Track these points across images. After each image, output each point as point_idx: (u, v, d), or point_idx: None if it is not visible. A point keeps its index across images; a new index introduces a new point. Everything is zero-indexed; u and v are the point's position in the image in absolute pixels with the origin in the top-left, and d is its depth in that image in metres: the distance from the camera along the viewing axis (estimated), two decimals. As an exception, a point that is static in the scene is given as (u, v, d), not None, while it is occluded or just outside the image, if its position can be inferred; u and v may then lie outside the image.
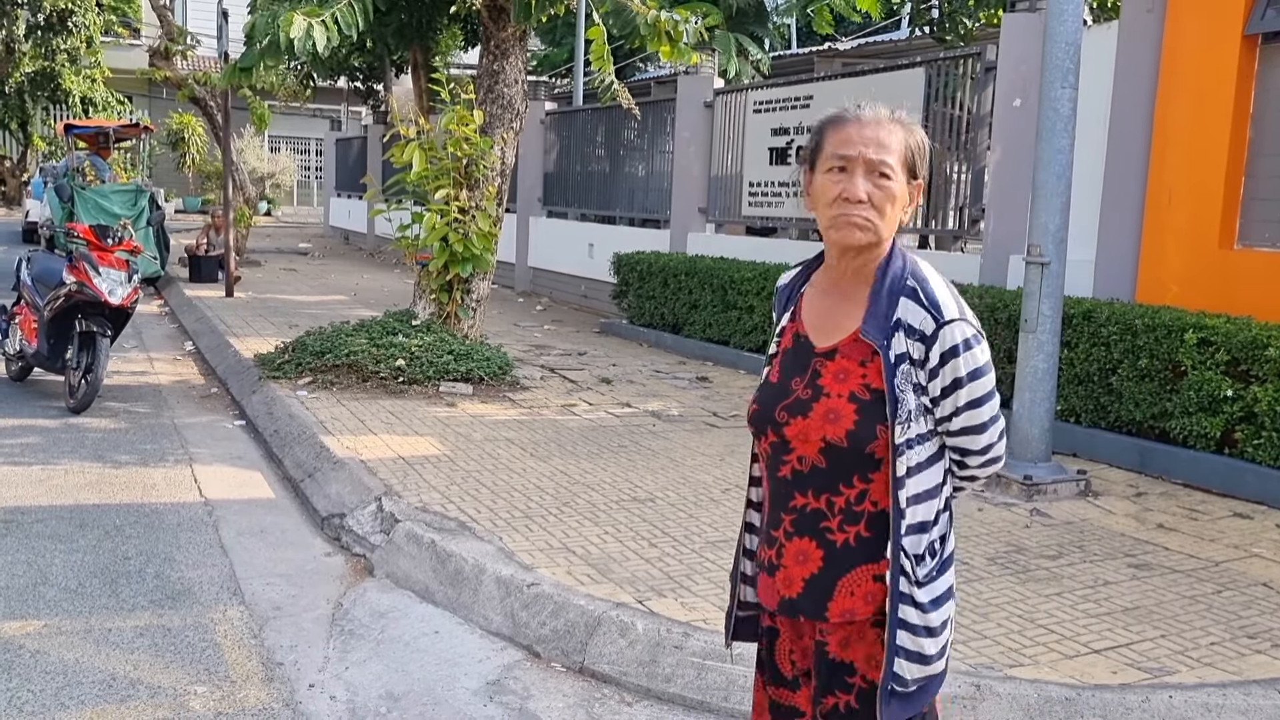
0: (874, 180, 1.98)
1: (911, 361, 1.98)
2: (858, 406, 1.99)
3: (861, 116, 2.02)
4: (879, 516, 2.02)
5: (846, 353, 2.03)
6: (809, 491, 2.05)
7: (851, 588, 2.04)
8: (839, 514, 2.04)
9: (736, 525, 5.03)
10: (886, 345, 1.98)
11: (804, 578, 2.07)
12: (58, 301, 7.42)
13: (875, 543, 2.03)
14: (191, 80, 17.87)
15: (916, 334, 1.97)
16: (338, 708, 3.56)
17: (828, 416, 2.00)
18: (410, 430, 6.69)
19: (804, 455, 2.04)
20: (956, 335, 1.97)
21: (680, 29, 8.13)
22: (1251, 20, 6.52)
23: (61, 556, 4.78)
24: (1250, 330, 5.83)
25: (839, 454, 2.00)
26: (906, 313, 1.98)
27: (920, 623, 1.99)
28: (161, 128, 29.68)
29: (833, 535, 2.05)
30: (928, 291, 1.99)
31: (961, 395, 1.99)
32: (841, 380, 2.02)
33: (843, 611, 2.04)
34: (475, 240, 8.18)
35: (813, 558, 2.06)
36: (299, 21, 6.99)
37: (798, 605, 2.09)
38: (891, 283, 2.01)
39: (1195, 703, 3.47)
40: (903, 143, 2.02)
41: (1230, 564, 4.81)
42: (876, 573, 2.03)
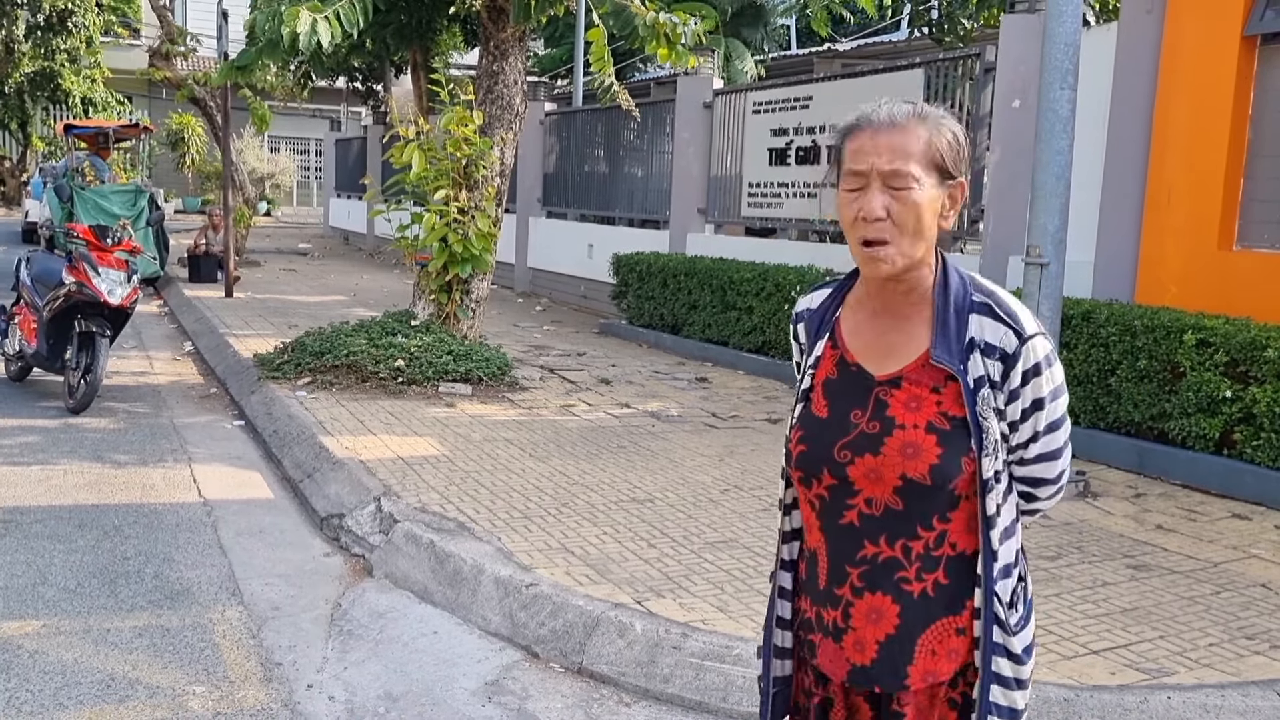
0: (892, 193, 1.74)
1: (991, 385, 1.78)
2: (938, 438, 1.76)
3: (875, 121, 1.78)
4: (957, 561, 1.81)
5: (914, 379, 1.81)
6: (881, 539, 1.81)
7: (933, 645, 1.81)
8: (916, 561, 1.80)
9: (736, 526, 5.05)
10: (964, 369, 1.77)
11: (878, 640, 1.82)
12: (57, 302, 7.42)
13: (954, 591, 1.81)
14: (191, 81, 17.87)
15: (996, 352, 1.77)
16: (336, 708, 3.56)
17: (905, 451, 1.77)
18: (409, 431, 6.69)
19: (874, 497, 1.80)
20: (1040, 351, 1.78)
21: (679, 31, 8.14)
22: (1250, 21, 6.52)
23: (60, 556, 4.78)
24: (1249, 331, 5.84)
25: (920, 493, 1.77)
26: (983, 330, 1.78)
27: (1013, 675, 1.80)
28: (161, 128, 29.67)
29: (909, 586, 1.81)
30: (1004, 305, 1.80)
31: (1042, 418, 1.80)
32: (914, 410, 1.79)
33: (925, 674, 1.82)
34: (474, 241, 8.18)
35: (888, 615, 1.81)
36: (305, 16, 6.98)
37: (872, 674, 1.84)
38: (956, 299, 1.81)
39: (1194, 704, 3.47)
40: (926, 142, 1.76)
41: (1229, 565, 4.81)
42: (959, 625, 1.82)
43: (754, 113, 11.35)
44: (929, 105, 1.84)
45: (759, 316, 9.42)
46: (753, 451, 6.61)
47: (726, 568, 4.54)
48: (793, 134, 10.72)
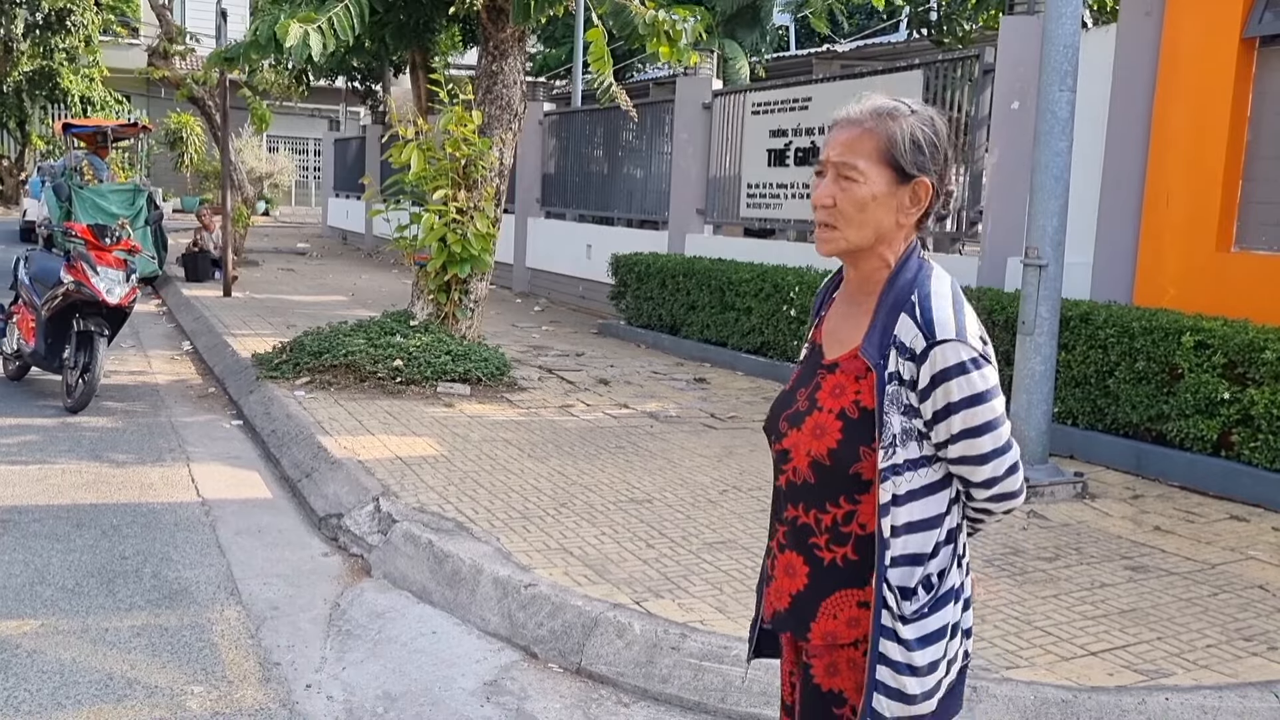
0: (840, 183, 1.89)
1: (901, 382, 1.85)
2: (844, 425, 1.90)
3: (842, 116, 1.94)
4: (867, 540, 1.91)
5: (845, 368, 1.94)
6: (800, 505, 1.98)
7: (835, 610, 1.95)
8: (825, 532, 1.95)
9: (734, 527, 5.06)
10: (882, 364, 1.87)
11: (791, 593, 2.00)
12: (55, 301, 7.41)
13: (862, 567, 1.92)
14: (190, 80, 17.84)
15: (907, 352, 1.85)
16: (334, 708, 3.56)
17: (815, 431, 1.93)
18: (408, 430, 6.69)
19: (798, 467, 1.96)
20: (950, 357, 1.82)
21: (679, 29, 8.14)
22: (1249, 23, 6.53)
23: (59, 556, 4.77)
24: (1247, 333, 5.84)
25: (825, 471, 1.92)
26: (902, 329, 1.86)
27: (903, 659, 1.87)
28: (160, 127, 29.64)
29: (820, 553, 1.96)
30: (925, 308, 1.85)
31: (955, 422, 1.84)
32: (836, 396, 1.93)
33: (824, 634, 1.95)
34: (473, 241, 8.18)
35: (799, 574, 1.98)
36: (295, 29, 7.00)
37: (785, 621, 2.02)
38: (895, 296, 1.89)
39: (1191, 705, 3.47)
40: (883, 139, 1.87)
41: (1227, 566, 4.82)
42: (861, 599, 1.93)
43: (753, 114, 11.36)
44: (915, 107, 1.94)
45: (757, 317, 9.42)
46: (751, 452, 6.62)
47: (725, 568, 4.54)
48: (791, 135, 10.73)
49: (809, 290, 8.75)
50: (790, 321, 9.00)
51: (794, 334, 8.97)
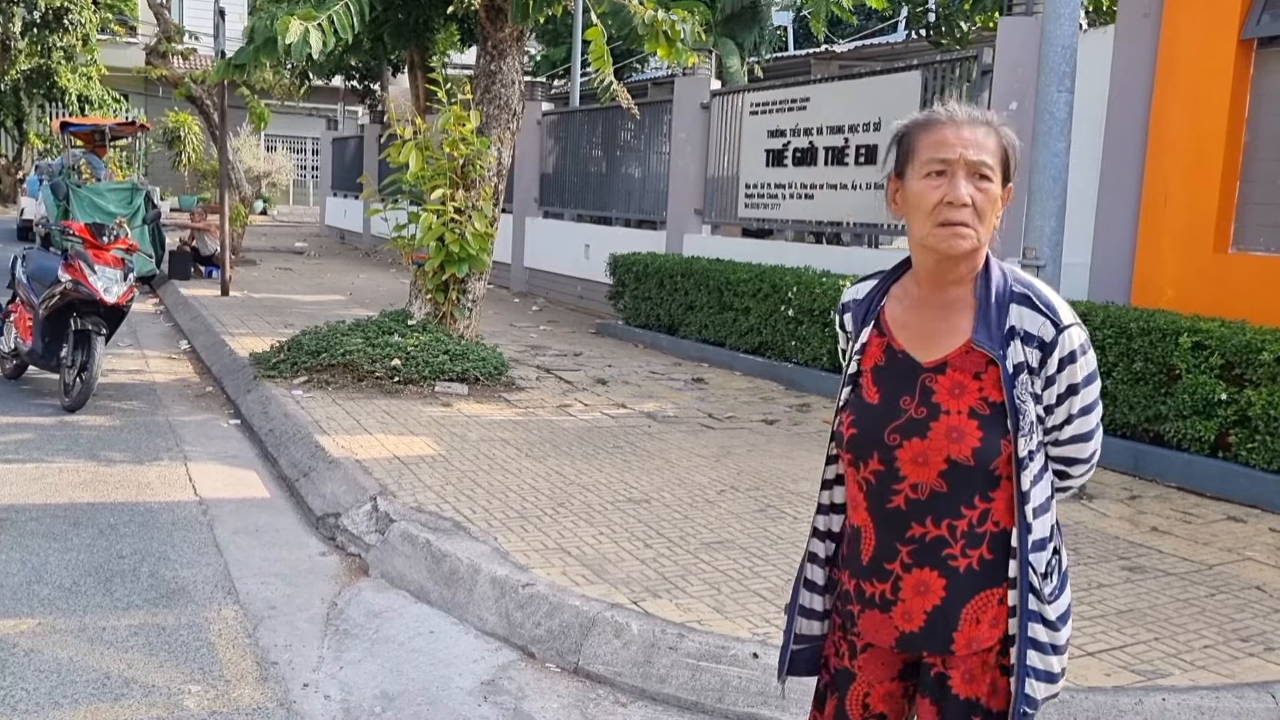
0: (975, 183, 1.90)
1: (1029, 370, 1.90)
2: (979, 422, 1.90)
3: (955, 117, 1.93)
4: (1000, 537, 1.94)
5: (958, 365, 1.93)
6: (928, 520, 1.94)
7: (976, 615, 1.95)
8: (961, 538, 1.94)
9: (732, 527, 5.05)
10: (1003, 355, 1.90)
11: (925, 610, 1.96)
12: (53, 299, 7.41)
13: (998, 565, 1.95)
14: (188, 79, 17.83)
15: (1035, 341, 1.90)
16: (332, 707, 3.56)
17: (950, 435, 1.90)
18: (405, 430, 6.68)
19: (920, 482, 1.93)
20: (1075, 340, 1.90)
21: (678, 29, 8.14)
22: (1247, 25, 6.54)
23: (56, 555, 4.77)
24: (1244, 334, 5.85)
25: (964, 474, 1.90)
26: (1022, 320, 1.91)
27: (1049, 640, 1.94)
28: (158, 126, 29.62)
29: (955, 562, 1.94)
30: (1041, 296, 1.93)
31: (1075, 402, 1.93)
32: (957, 395, 1.92)
33: (969, 641, 1.95)
34: (471, 240, 8.18)
35: (934, 588, 1.95)
36: (295, 26, 6.99)
37: (919, 640, 1.98)
38: (998, 290, 1.93)
39: (1188, 705, 3.47)
40: (998, 144, 1.93)
41: (1224, 567, 4.82)
42: (1000, 595, 1.95)
43: (751, 114, 11.36)
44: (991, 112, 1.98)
45: (755, 317, 9.43)
46: (749, 452, 6.62)
47: (723, 568, 4.54)
48: (790, 135, 10.73)
49: (806, 290, 8.75)
50: (788, 321, 9.00)
51: (792, 334, 8.97)
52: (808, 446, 6.85)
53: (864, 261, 9.39)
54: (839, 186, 10.11)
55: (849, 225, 10.39)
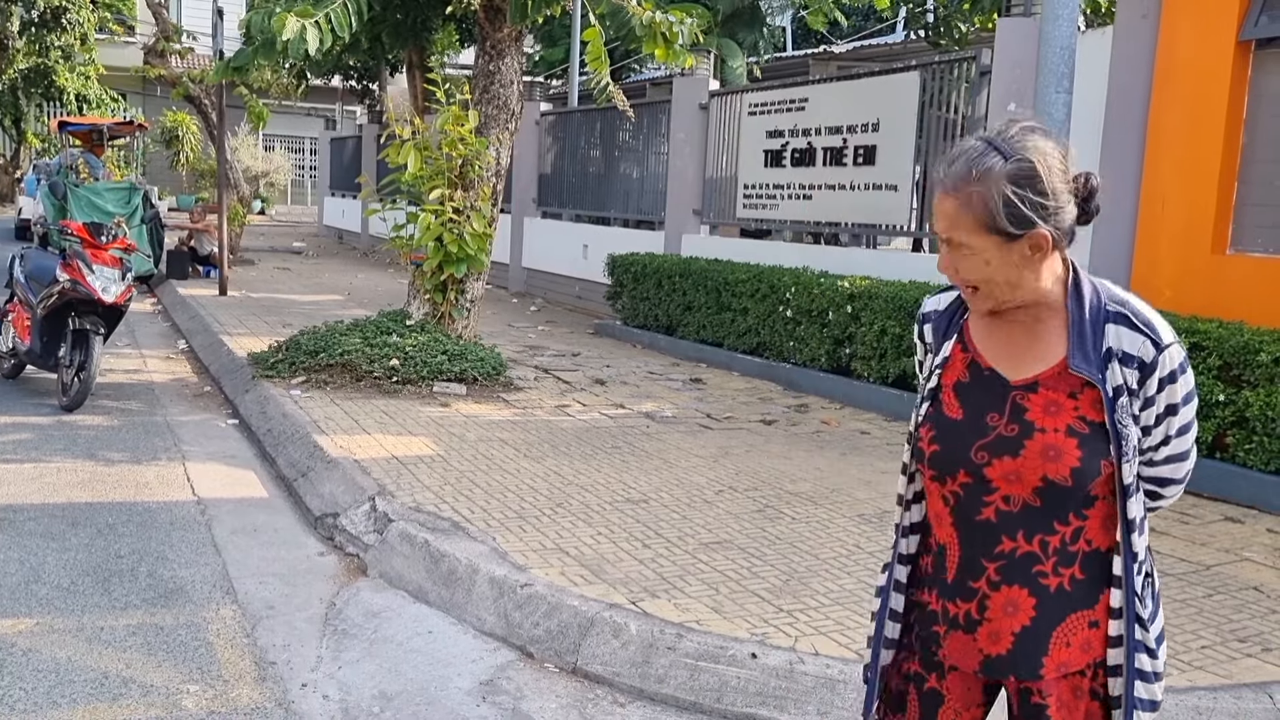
0: (957, 253, 1.84)
1: (1129, 392, 1.82)
2: (1079, 441, 1.81)
3: (938, 183, 1.85)
4: (1093, 556, 1.87)
5: (1051, 385, 1.85)
6: (1019, 534, 1.86)
7: (1067, 637, 1.87)
8: (1053, 555, 1.86)
9: (730, 527, 5.06)
10: (1102, 378, 1.82)
11: (1014, 631, 1.88)
12: (51, 299, 7.40)
13: (1090, 586, 1.87)
14: (186, 78, 17.84)
15: (1134, 361, 1.82)
16: (330, 707, 3.56)
17: (1046, 454, 1.82)
18: (404, 430, 6.68)
19: (1012, 495, 1.85)
20: (1175, 359, 1.82)
21: (675, 30, 8.14)
22: (1245, 26, 6.55)
23: (54, 555, 4.77)
24: (1242, 335, 5.86)
25: (1059, 493, 1.83)
26: (1120, 340, 1.82)
27: (1152, 669, 1.87)
28: (156, 125, 29.60)
29: (1046, 580, 1.86)
30: (1140, 314, 1.84)
31: (1174, 422, 1.85)
32: (1053, 414, 1.84)
33: (1059, 665, 1.87)
34: (469, 240, 8.18)
35: (1024, 607, 1.87)
36: (292, 23, 6.98)
37: (1006, 664, 1.89)
38: (1092, 310, 1.85)
39: (1186, 706, 3.48)
40: (978, 208, 1.78)
41: (1221, 568, 4.83)
42: (1092, 619, 1.88)
43: (749, 114, 11.37)
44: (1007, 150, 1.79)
45: (754, 318, 9.43)
46: (747, 453, 6.62)
47: (721, 569, 4.54)
48: (788, 136, 10.73)
49: (805, 291, 8.75)
50: (786, 322, 9.00)
51: (790, 334, 8.98)
52: (806, 447, 6.86)
53: (862, 262, 9.40)
54: (837, 187, 10.11)
55: (847, 226, 10.40)
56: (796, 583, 4.42)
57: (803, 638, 3.86)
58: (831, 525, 5.21)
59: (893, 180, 9.46)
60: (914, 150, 9.25)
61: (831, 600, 4.24)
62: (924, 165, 9.28)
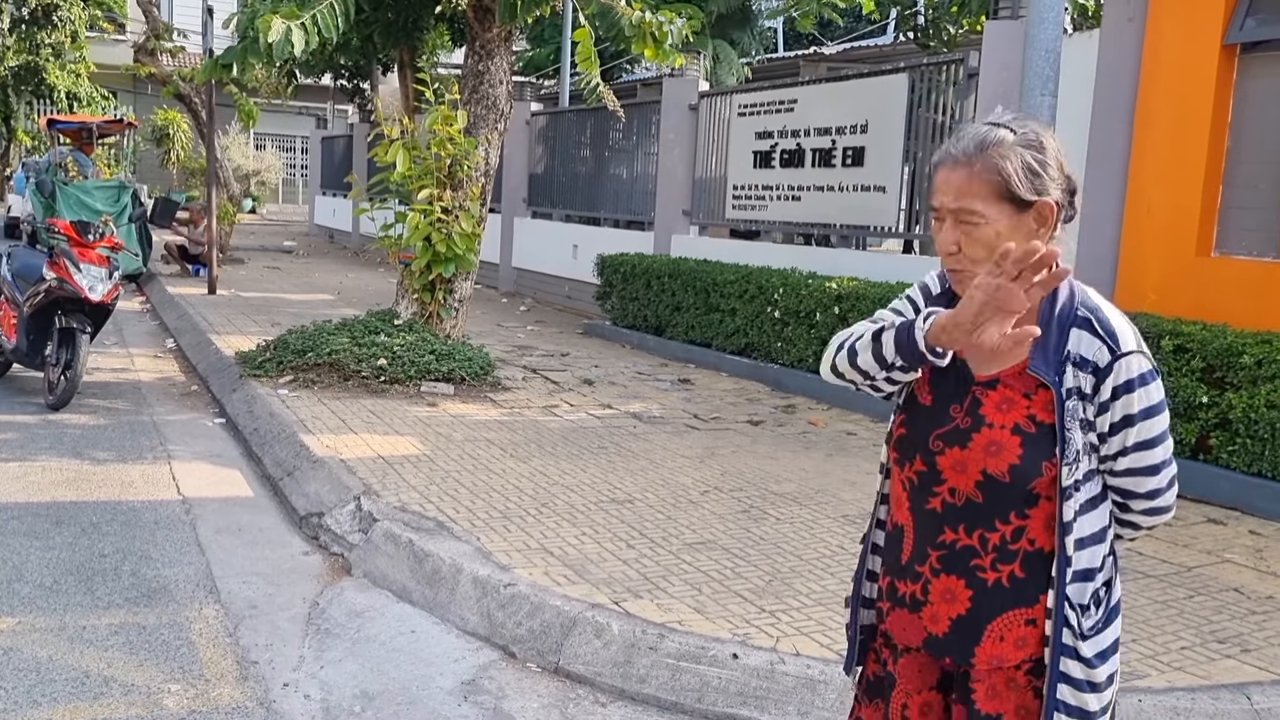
0: (962, 228, 1.83)
1: (1080, 396, 1.84)
2: (1022, 440, 1.85)
3: (948, 156, 1.85)
4: (1035, 556, 1.89)
5: (1010, 383, 1.88)
6: (960, 527, 1.91)
7: (1001, 632, 1.91)
8: (992, 552, 1.90)
9: (715, 528, 5.07)
10: (1058, 380, 1.84)
11: (950, 617, 1.93)
12: (38, 297, 7.38)
13: (1029, 584, 1.89)
14: (176, 77, 17.78)
15: (1089, 366, 1.83)
16: (312, 706, 3.56)
17: (989, 449, 1.86)
18: (391, 430, 6.68)
19: (957, 488, 1.90)
20: (1133, 369, 1.82)
21: (665, 31, 8.15)
22: (1230, 30, 6.58)
23: (37, 553, 4.76)
24: (1225, 337, 5.89)
25: (998, 489, 1.86)
26: (1080, 344, 1.84)
27: (1084, 677, 1.86)
28: (146, 124, 29.53)
29: (984, 574, 1.90)
30: (1102, 321, 1.85)
31: (1131, 434, 1.84)
32: (1004, 411, 1.87)
33: (990, 658, 1.91)
34: (458, 240, 8.18)
35: (960, 597, 1.92)
36: (277, 25, 6.97)
37: (944, 645, 1.95)
38: (1060, 313, 1.87)
39: (1164, 706, 3.50)
40: (992, 175, 1.81)
41: (1202, 569, 4.85)
42: (1029, 617, 1.90)
43: (739, 115, 11.38)
44: (1015, 126, 1.85)
45: (742, 319, 9.44)
46: (733, 453, 6.63)
47: (704, 569, 4.55)
48: (777, 137, 10.75)
49: (793, 292, 8.77)
50: (774, 323, 9.01)
51: (778, 335, 8.99)
52: (792, 448, 6.87)
53: (851, 264, 9.42)
54: (826, 188, 10.13)
55: (836, 227, 10.42)
56: (779, 583, 4.43)
57: (784, 638, 3.87)
58: (815, 526, 5.23)
59: (881, 182, 9.48)
60: (902, 152, 9.27)
61: (814, 601, 4.26)
62: (913, 167, 9.30)
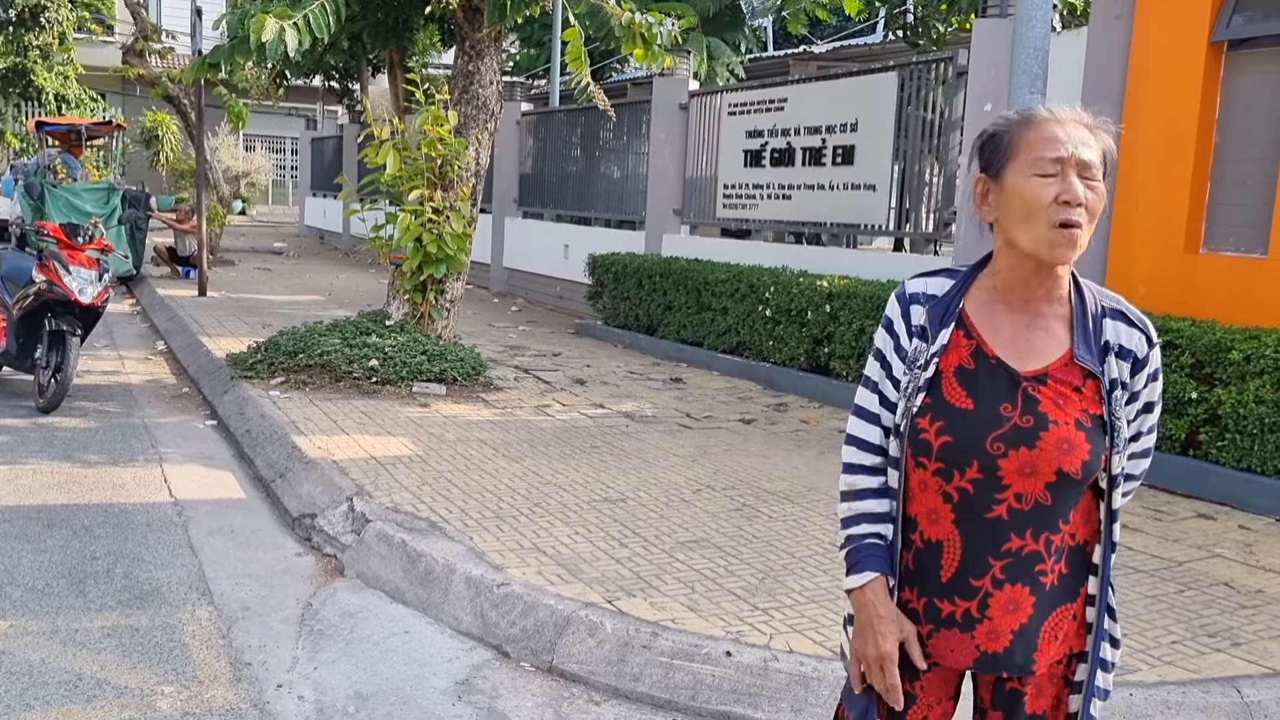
0: (1085, 182, 1.80)
1: (1122, 385, 1.87)
2: (1086, 435, 1.83)
3: (1060, 115, 1.84)
4: (1075, 551, 1.90)
5: (1059, 377, 1.86)
6: (1027, 532, 1.85)
7: (1055, 632, 1.90)
8: (1054, 554, 1.87)
9: (707, 526, 5.08)
10: (1103, 370, 1.86)
11: (1012, 629, 1.87)
12: (27, 300, 7.36)
13: (1073, 579, 1.91)
14: (165, 78, 17.75)
15: (1129, 356, 1.86)
16: (305, 708, 3.56)
17: (1061, 446, 1.81)
18: (383, 430, 6.68)
19: (1024, 492, 1.83)
20: (1159, 358, 1.91)
21: (654, 31, 8.16)
22: (1217, 28, 6.61)
23: (29, 557, 4.75)
24: (1214, 333, 5.91)
25: (1069, 487, 1.84)
26: (1118, 335, 1.87)
27: (1112, 659, 1.94)
28: (135, 125, 29.45)
29: (1046, 578, 1.87)
30: (1133, 311, 1.90)
31: (1148, 420, 1.93)
32: (1062, 406, 1.84)
33: (1048, 660, 1.91)
34: (449, 241, 8.18)
35: (1024, 606, 1.87)
36: (270, 24, 6.96)
37: (1003, 660, 1.89)
38: (1092, 303, 1.89)
39: (1155, 700, 3.52)
40: (1105, 143, 1.85)
41: (1193, 564, 4.87)
42: (1073, 611, 1.92)
43: (729, 114, 11.39)
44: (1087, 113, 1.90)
45: (733, 317, 9.45)
46: (726, 452, 6.64)
47: (697, 567, 4.56)
48: (768, 136, 10.77)
49: (784, 290, 8.78)
50: (766, 321, 9.03)
51: (769, 334, 9.00)
52: (784, 446, 6.88)
53: (842, 262, 9.44)
54: (816, 187, 10.15)
55: (827, 226, 10.43)
56: (772, 581, 4.44)
57: (777, 635, 3.88)
58: (808, 524, 5.24)
59: (871, 180, 9.50)
60: (892, 150, 9.29)
61: (806, 598, 4.27)
62: (903, 165, 9.32)
